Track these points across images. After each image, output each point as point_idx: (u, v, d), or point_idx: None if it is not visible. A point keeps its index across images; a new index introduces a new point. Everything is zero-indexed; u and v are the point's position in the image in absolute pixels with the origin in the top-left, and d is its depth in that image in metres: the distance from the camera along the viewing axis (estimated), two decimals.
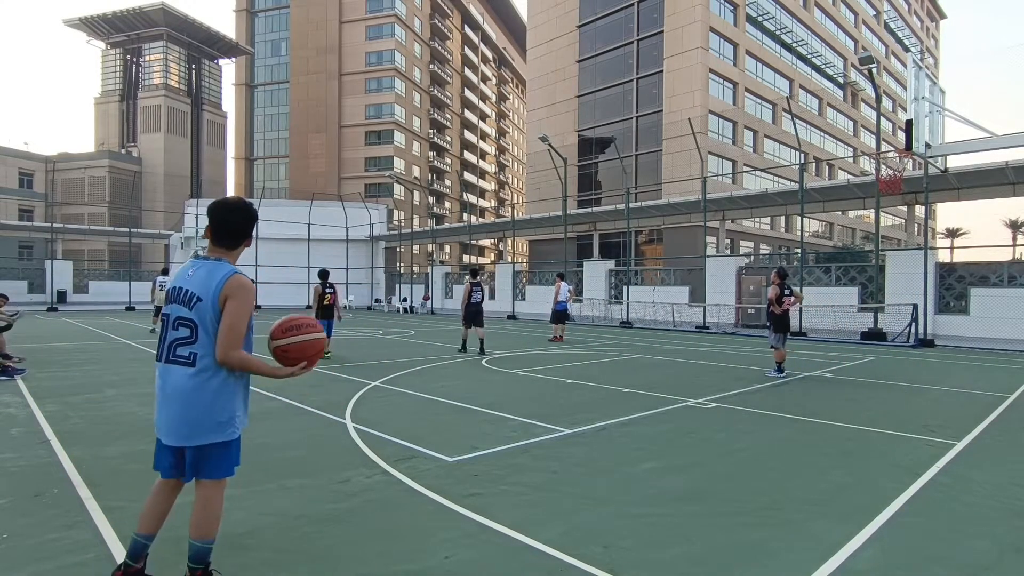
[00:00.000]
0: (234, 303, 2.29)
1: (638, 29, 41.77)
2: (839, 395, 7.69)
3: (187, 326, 2.33)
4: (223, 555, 2.83)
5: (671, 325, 21.24)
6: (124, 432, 5.19)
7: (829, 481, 4.08)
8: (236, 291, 2.30)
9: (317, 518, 3.32)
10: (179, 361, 2.33)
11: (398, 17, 62.84)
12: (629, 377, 8.93)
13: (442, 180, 72.37)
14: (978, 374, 9.83)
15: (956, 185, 21.06)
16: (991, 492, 3.92)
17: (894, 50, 63.82)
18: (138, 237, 39.65)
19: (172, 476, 2.45)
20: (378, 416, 5.96)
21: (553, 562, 2.79)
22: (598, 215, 33.55)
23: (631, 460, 4.52)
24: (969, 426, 5.81)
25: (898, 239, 52.61)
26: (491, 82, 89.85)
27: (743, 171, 41.43)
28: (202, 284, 2.32)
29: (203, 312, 2.30)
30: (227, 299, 2.29)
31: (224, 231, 2.43)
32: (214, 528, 2.44)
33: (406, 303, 34.13)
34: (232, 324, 2.28)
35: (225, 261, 2.41)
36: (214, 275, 2.32)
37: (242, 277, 2.34)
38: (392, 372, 8.99)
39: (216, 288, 2.29)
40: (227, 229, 2.43)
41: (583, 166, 44.89)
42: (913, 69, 11.41)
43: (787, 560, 2.86)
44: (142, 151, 60.59)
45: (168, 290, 2.45)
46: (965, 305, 16.89)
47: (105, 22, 59.67)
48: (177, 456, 2.41)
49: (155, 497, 2.48)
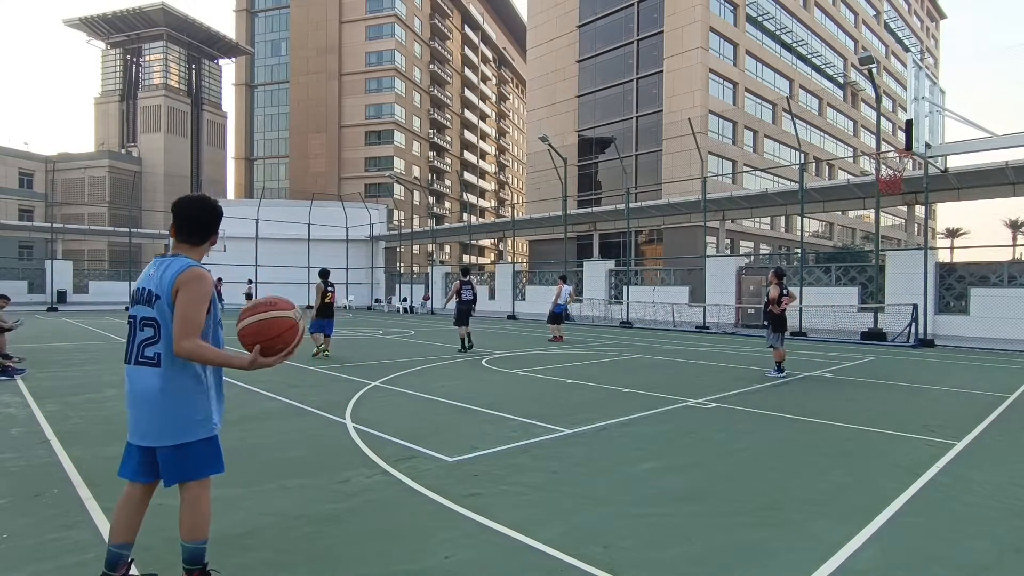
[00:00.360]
0: (185, 293, 2.24)
1: (638, 29, 41.77)
2: (839, 395, 7.69)
3: (151, 326, 2.29)
4: (223, 555, 2.83)
5: (671, 325, 21.23)
6: (124, 432, 5.16)
7: (829, 481, 4.08)
8: (188, 281, 2.25)
9: (317, 518, 3.32)
10: (146, 362, 2.30)
11: (398, 17, 62.84)
12: (629, 377, 8.93)
13: (442, 180, 72.37)
14: (978, 374, 9.83)
15: (956, 185, 21.06)
16: (991, 492, 3.92)
17: (894, 50, 63.83)
18: (138, 237, 39.70)
19: (141, 479, 2.40)
20: (378, 416, 5.96)
21: (553, 562, 2.79)
22: (598, 215, 33.55)
23: (631, 460, 4.52)
24: (969, 426, 5.81)
25: (898, 239, 52.62)
26: (491, 82, 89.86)
27: (743, 171, 41.43)
28: (159, 281, 2.29)
29: (163, 310, 2.28)
30: (179, 290, 2.25)
31: (188, 226, 2.40)
32: (206, 528, 2.42)
33: (406, 303, 34.12)
34: (183, 314, 2.22)
35: (183, 256, 2.37)
36: (171, 270, 2.29)
37: (197, 268, 2.30)
38: (392, 372, 8.99)
39: (170, 282, 2.26)
40: (191, 225, 2.40)
41: (583, 166, 44.89)
42: (913, 69, 11.41)
43: (787, 560, 2.86)
44: (142, 151, 60.60)
45: (133, 291, 2.42)
46: (965, 305, 16.89)
47: (105, 22, 59.68)
48: (147, 458, 2.36)
49: (126, 504, 2.41)
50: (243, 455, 4.50)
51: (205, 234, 2.44)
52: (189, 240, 2.41)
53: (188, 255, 2.39)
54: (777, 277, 9.22)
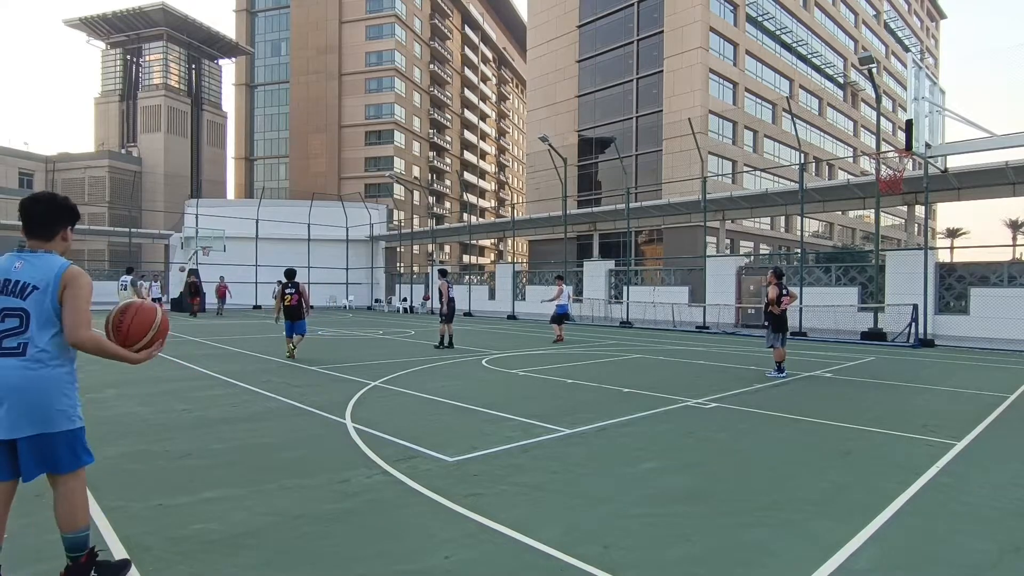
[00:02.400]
0: (74, 288, 2.39)
1: (638, 29, 41.77)
2: (839, 395, 7.69)
3: (16, 316, 2.35)
4: (223, 555, 2.84)
5: (671, 325, 21.24)
6: (124, 432, 5.19)
7: (829, 481, 4.08)
8: (73, 279, 2.40)
9: (317, 518, 3.31)
10: (8, 352, 2.33)
11: (398, 17, 62.83)
12: (629, 377, 8.93)
13: (442, 180, 72.36)
14: (978, 374, 9.83)
15: (956, 185, 21.04)
16: (991, 492, 3.92)
17: (894, 50, 63.82)
18: (138, 237, 39.61)
19: (5, 478, 2.37)
20: (378, 416, 5.96)
21: (553, 562, 2.79)
22: (598, 215, 33.54)
23: (631, 460, 4.52)
24: (969, 426, 5.81)
25: (898, 239, 52.60)
26: (491, 82, 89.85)
27: (743, 171, 41.42)
28: (38, 274, 2.38)
29: (39, 302, 2.36)
30: (66, 288, 2.38)
31: (32, 223, 2.48)
32: (85, 517, 2.48)
33: (406, 303, 34.13)
34: (77, 307, 2.38)
35: (55, 253, 2.49)
36: (51, 266, 2.40)
37: (76, 267, 2.46)
38: (392, 372, 8.99)
39: (55, 278, 2.38)
40: (34, 221, 2.48)
41: (583, 166, 44.88)
42: (913, 69, 11.40)
43: (787, 560, 2.86)
44: (142, 151, 60.57)
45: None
46: (965, 305, 16.89)
47: (105, 22, 59.64)
48: (9, 454, 2.34)
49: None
50: (243, 455, 4.51)
51: (48, 228, 2.51)
52: (38, 235, 2.49)
53: (53, 250, 2.50)
54: (776, 277, 9.22)
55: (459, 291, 34.50)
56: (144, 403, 6.52)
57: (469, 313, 29.01)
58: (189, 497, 3.60)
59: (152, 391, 7.25)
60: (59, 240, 2.53)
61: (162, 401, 6.65)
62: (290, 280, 10.84)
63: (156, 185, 57.96)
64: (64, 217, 2.53)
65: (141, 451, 4.57)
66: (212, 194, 59.91)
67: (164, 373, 8.69)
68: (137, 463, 4.25)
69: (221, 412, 6.10)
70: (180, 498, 3.58)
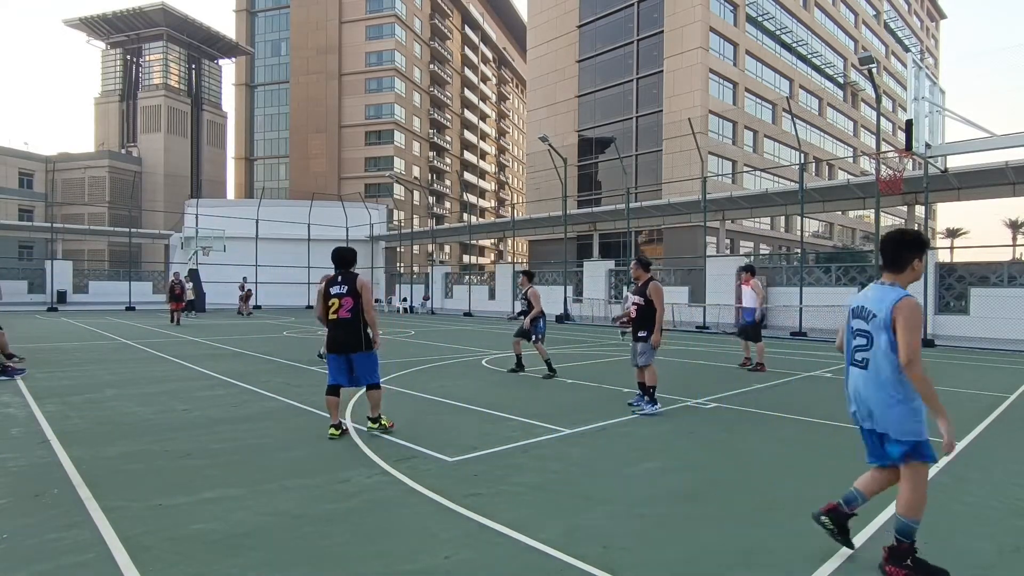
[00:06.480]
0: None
1: (638, 29, 41.76)
2: (839, 395, 7.67)
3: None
4: (223, 555, 2.84)
5: (671, 325, 21.22)
6: (124, 432, 5.19)
7: (829, 481, 4.08)
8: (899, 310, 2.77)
9: (317, 518, 3.32)
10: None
11: (398, 17, 62.83)
12: (629, 377, 8.91)
13: (442, 180, 72.36)
14: (978, 374, 9.83)
15: (956, 185, 21.04)
16: (991, 492, 3.92)
17: (894, 50, 63.81)
18: (138, 237, 39.63)
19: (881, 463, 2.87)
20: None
21: (553, 562, 2.79)
22: (598, 215, 33.54)
23: (631, 460, 4.52)
24: (969, 426, 5.82)
25: None
26: (491, 82, 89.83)
27: (743, 171, 41.42)
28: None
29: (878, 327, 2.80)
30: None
31: (883, 256, 2.88)
32: (916, 512, 2.76)
33: (406, 303, 34.14)
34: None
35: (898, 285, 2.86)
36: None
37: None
38: (392, 372, 8.98)
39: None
40: (884, 256, 2.87)
41: (583, 166, 44.87)
42: (913, 69, 11.41)
43: (786, 560, 2.86)
44: (142, 151, 60.59)
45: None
46: (965, 305, 16.89)
47: (105, 22, 59.67)
48: (877, 441, 2.83)
49: None
50: (243, 455, 4.51)
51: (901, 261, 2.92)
52: (889, 268, 2.93)
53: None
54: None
55: (459, 291, 34.63)
56: (144, 403, 6.52)
57: (469, 313, 29.02)
58: (189, 497, 3.60)
59: (152, 391, 7.25)
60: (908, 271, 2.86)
61: (162, 401, 6.65)
62: (342, 270, 5.31)
63: (156, 185, 58.00)
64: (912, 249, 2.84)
65: (141, 451, 4.57)
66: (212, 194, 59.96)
67: (164, 373, 8.69)
68: (137, 463, 4.25)
69: (221, 412, 6.10)
70: (180, 498, 3.58)
